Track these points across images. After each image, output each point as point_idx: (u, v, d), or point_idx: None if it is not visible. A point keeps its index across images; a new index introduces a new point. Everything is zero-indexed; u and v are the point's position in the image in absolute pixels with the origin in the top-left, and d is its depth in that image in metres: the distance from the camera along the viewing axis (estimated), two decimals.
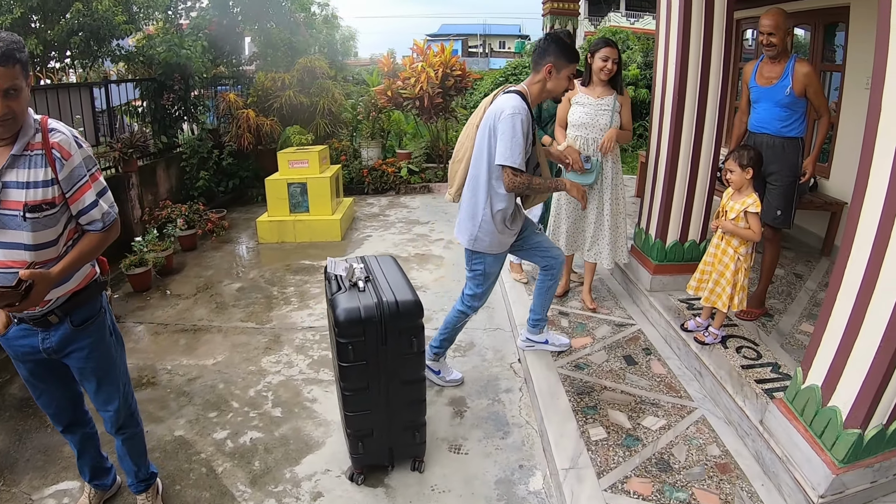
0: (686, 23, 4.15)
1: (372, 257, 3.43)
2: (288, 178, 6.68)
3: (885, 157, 2.41)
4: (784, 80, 4.05)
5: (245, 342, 4.53)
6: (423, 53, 8.69)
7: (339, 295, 2.97)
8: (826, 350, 2.77)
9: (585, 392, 3.71)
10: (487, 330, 4.74)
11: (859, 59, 5.69)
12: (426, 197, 8.97)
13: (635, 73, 13.91)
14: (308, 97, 8.98)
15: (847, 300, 2.64)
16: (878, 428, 2.65)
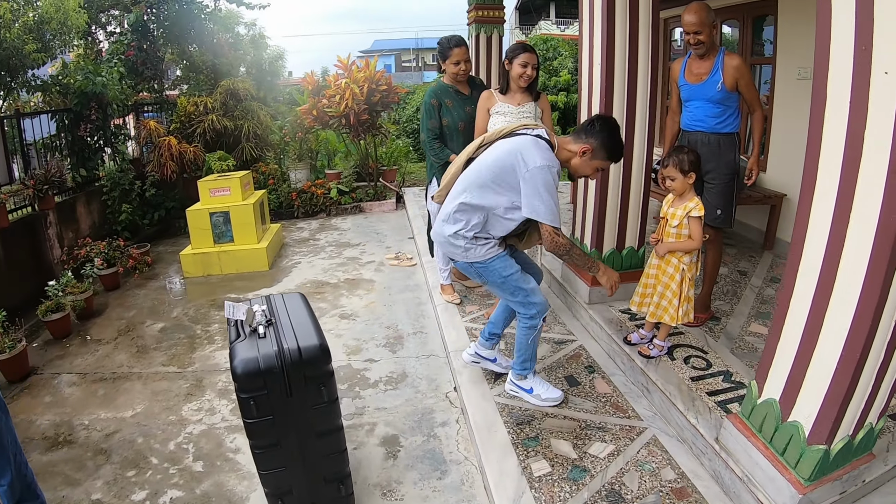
0: (610, 24, 3.88)
1: (278, 296, 3.06)
2: (210, 208, 6.24)
3: (833, 151, 2.15)
4: (714, 75, 3.83)
5: (166, 389, 4.13)
6: (347, 69, 8.33)
7: (238, 344, 2.60)
8: (782, 361, 2.54)
9: (525, 421, 3.37)
10: (420, 357, 4.38)
11: (789, 50, 5.65)
12: (357, 217, 8.63)
13: (567, 79, 13.86)
14: (232, 121, 8.55)
15: (801, 307, 2.40)
16: (844, 440, 2.44)
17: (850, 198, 2.10)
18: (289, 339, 2.59)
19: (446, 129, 4.53)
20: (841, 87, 2.06)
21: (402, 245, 7.05)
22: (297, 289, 5.71)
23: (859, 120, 2.01)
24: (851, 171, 2.07)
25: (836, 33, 2.06)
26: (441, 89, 4.52)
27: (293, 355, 2.51)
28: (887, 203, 1.98)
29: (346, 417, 3.56)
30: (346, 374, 4.13)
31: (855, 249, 2.12)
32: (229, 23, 10.20)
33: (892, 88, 1.90)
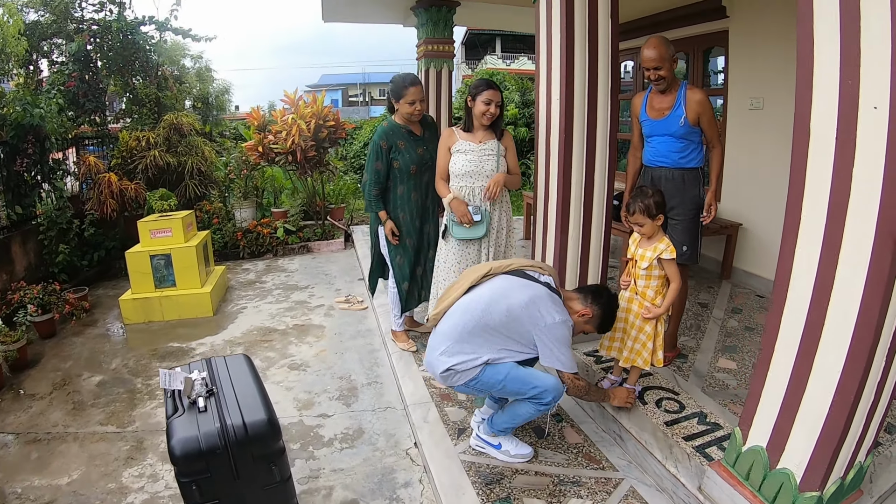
0: (569, 57, 3.74)
1: (220, 360, 2.79)
2: (150, 250, 5.87)
3: (818, 189, 2.05)
4: (677, 109, 3.73)
5: (104, 451, 3.75)
6: (294, 104, 8.09)
7: (175, 420, 2.32)
8: (767, 407, 2.41)
9: (495, 481, 3.12)
10: (377, 411, 4.07)
11: (741, 81, 5.70)
12: (305, 258, 8.30)
13: (514, 113, 13.95)
14: (176, 157, 8.17)
15: (788, 351, 2.29)
16: (836, 483, 2.32)
17: (838, 237, 1.99)
18: (233, 412, 2.33)
19: (397, 171, 4.28)
20: (826, 122, 1.96)
21: (353, 287, 6.78)
22: (244, 336, 5.39)
23: (847, 157, 1.91)
24: (839, 210, 1.97)
25: (819, 66, 1.96)
26: (393, 130, 4.27)
27: (238, 433, 2.25)
28: (879, 242, 1.88)
29: (301, 481, 3.27)
30: (298, 431, 3.81)
31: (845, 291, 2.01)
32: (175, 55, 9.92)
33: (881, 123, 1.80)
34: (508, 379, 3.05)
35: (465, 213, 3.93)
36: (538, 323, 2.98)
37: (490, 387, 3.08)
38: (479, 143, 4.02)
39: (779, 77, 5.13)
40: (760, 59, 5.37)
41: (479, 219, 3.97)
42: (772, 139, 5.32)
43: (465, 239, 4.05)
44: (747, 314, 4.97)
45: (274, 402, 4.01)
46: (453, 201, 3.97)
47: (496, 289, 3.13)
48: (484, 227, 3.99)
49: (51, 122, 6.92)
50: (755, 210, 5.64)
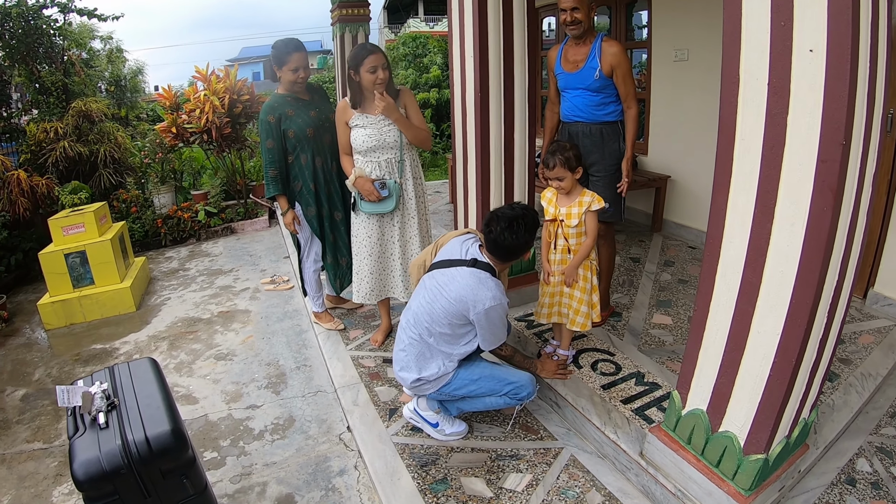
0: (482, 13, 3.48)
1: (123, 366, 2.47)
2: (64, 248, 5.39)
3: (750, 139, 1.86)
4: (591, 61, 3.50)
5: (33, 471, 3.39)
6: (206, 81, 7.59)
7: (77, 440, 2.04)
8: (706, 370, 2.26)
9: (430, 462, 2.92)
10: (307, 396, 3.80)
11: (665, 33, 5.56)
12: (229, 239, 7.84)
13: (437, 75, 13.55)
14: (87, 146, 7.59)
15: (723, 312, 2.12)
16: (782, 443, 2.22)
17: (773, 191, 1.81)
18: (134, 426, 2.06)
19: (294, 140, 3.90)
20: (757, 67, 1.76)
21: (278, 266, 6.43)
22: (169, 329, 5.02)
23: (781, 104, 1.72)
24: (774, 162, 1.78)
25: (748, 7, 1.75)
26: (278, 102, 3.88)
27: (141, 449, 1.98)
28: (817, 196, 1.71)
29: (233, 480, 3.02)
30: (227, 427, 3.52)
31: (782, 249, 1.84)
32: (82, 38, 9.23)
33: (818, 68, 1.60)
34: (483, 378, 2.95)
35: (371, 190, 3.63)
36: (472, 313, 2.78)
37: (463, 388, 2.95)
38: (377, 114, 3.64)
39: (704, 26, 5.00)
40: (685, 9, 5.22)
41: (386, 193, 3.67)
42: (698, 90, 5.20)
43: (375, 213, 3.76)
44: (680, 266, 4.87)
45: (202, 397, 3.80)
46: (357, 180, 3.65)
47: (431, 293, 2.92)
48: (393, 201, 3.69)
49: None
50: (683, 162, 5.54)
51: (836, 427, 2.81)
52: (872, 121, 1.74)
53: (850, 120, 1.61)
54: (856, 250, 1.95)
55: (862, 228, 1.93)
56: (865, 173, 1.81)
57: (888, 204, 3.78)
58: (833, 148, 1.63)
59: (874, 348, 3.50)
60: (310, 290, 4.40)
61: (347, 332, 4.36)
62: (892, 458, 2.75)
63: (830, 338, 2.08)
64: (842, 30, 1.55)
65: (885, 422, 3.01)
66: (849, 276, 1.98)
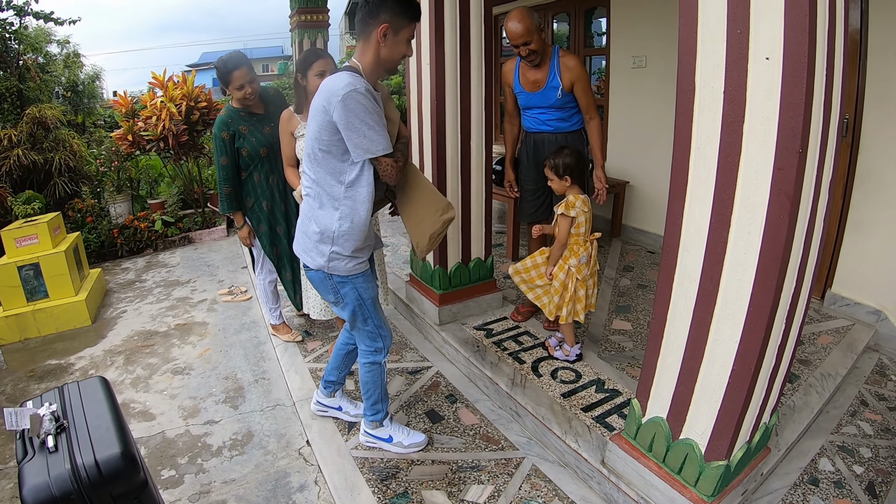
0: (439, 21, 3.41)
1: (73, 386, 2.35)
2: (17, 261, 5.19)
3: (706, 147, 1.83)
4: (552, 80, 3.49)
5: None
6: (163, 87, 7.38)
7: (26, 464, 1.95)
8: (665, 377, 2.23)
9: (390, 475, 2.83)
10: (265, 410, 3.68)
11: (623, 40, 5.57)
12: (187, 249, 7.63)
13: (398, 82, 13.41)
14: (42, 154, 7.33)
15: (681, 320, 2.09)
16: (743, 448, 2.19)
17: (730, 198, 1.77)
18: (84, 449, 1.96)
19: (248, 158, 3.77)
20: (712, 75, 1.72)
21: (236, 276, 6.27)
22: (124, 343, 4.84)
23: (737, 112, 1.68)
24: (730, 169, 1.75)
25: (704, 15, 1.71)
26: (231, 117, 3.74)
27: (90, 472, 1.89)
28: (774, 203, 1.68)
29: (192, 499, 2.90)
30: (185, 443, 3.39)
31: (739, 256, 1.81)
32: (39, 42, 8.94)
33: (774, 76, 1.57)
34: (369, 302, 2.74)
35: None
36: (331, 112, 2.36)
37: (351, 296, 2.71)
38: None
39: (661, 33, 5.03)
40: (642, 17, 5.24)
41: None
42: (655, 96, 5.22)
43: None
44: (639, 271, 4.86)
45: (159, 413, 3.66)
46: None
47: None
48: None
49: None
50: (641, 167, 5.55)
51: (798, 428, 2.81)
52: (829, 127, 1.72)
53: (806, 127, 1.58)
54: (813, 255, 1.92)
55: (819, 233, 1.90)
56: (822, 179, 1.79)
57: (844, 206, 3.81)
58: (790, 155, 1.60)
59: (833, 348, 3.53)
60: (266, 302, 4.29)
61: (305, 343, 4.25)
62: (853, 456, 2.75)
63: (789, 342, 2.06)
64: (798, 38, 1.52)
65: (845, 420, 3.03)
66: (807, 281, 1.96)
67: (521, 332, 3.75)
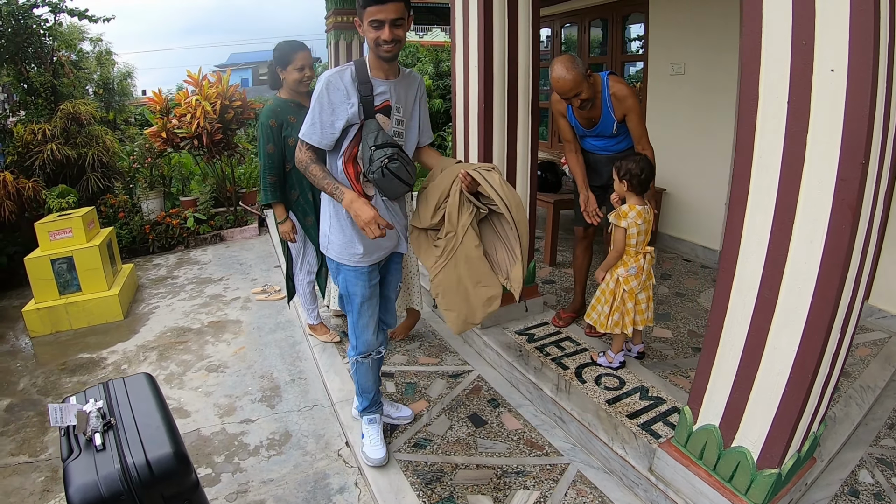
0: (488, 22, 3.48)
1: (118, 382, 2.39)
2: (51, 254, 5.35)
3: (769, 157, 1.90)
4: (606, 115, 3.52)
5: (19, 486, 3.33)
6: (198, 85, 7.55)
7: (72, 463, 1.97)
8: (719, 385, 2.29)
9: (435, 479, 2.90)
10: (303, 410, 3.76)
11: (662, 47, 5.61)
12: (218, 247, 7.80)
13: (428, 84, 13.55)
14: (75, 149, 7.53)
15: (738, 328, 2.16)
16: (794, 457, 2.25)
17: (792, 208, 1.84)
18: (134, 448, 2.00)
19: (294, 148, 3.82)
20: (776, 86, 1.80)
21: (269, 276, 6.39)
22: (157, 339, 4.97)
23: (801, 123, 1.75)
24: (792, 179, 1.81)
25: (768, 26, 1.79)
26: (280, 106, 3.81)
27: (142, 472, 1.93)
28: (836, 213, 1.74)
29: (229, 498, 2.99)
30: (221, 442, 3.48)
31: (800, 266, 1.87)
32: (72, 39, 9.14)
33: (839, 87, 1.64)
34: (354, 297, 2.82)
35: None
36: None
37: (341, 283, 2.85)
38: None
39: (700, 41, 5.06)
40: (681, 23, 5.28)
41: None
42: (693, 103, 5.26)
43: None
44: (676, 279, 4.92)
45: (194, 411, 3.77)
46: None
47: None
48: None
49: None
50: (678, 175, 5.58)
51: (839, 439, 2.86)
52: (887, 138, 1.78)
53: (869, 138, 1.65)
54: (868, 266, 1.99)
55: (874, 244, 1.96)
56: (880, 190, 1.85)
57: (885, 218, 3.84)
58: (853, 166, 1.67)
59: (871, 360, 3.57)
60: (304, 302, 4.35)
61: (343, 344, 4.32)
62: (892, 468, 2.79)
63: (842, 352, 2.12)
64: (863, 49, 1.59)
65: (884, 433, 3.07)
66: (861, 291, 2.02)
67: (562, 338, 3.82)
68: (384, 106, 2.61)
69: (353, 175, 2.65)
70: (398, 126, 2.67)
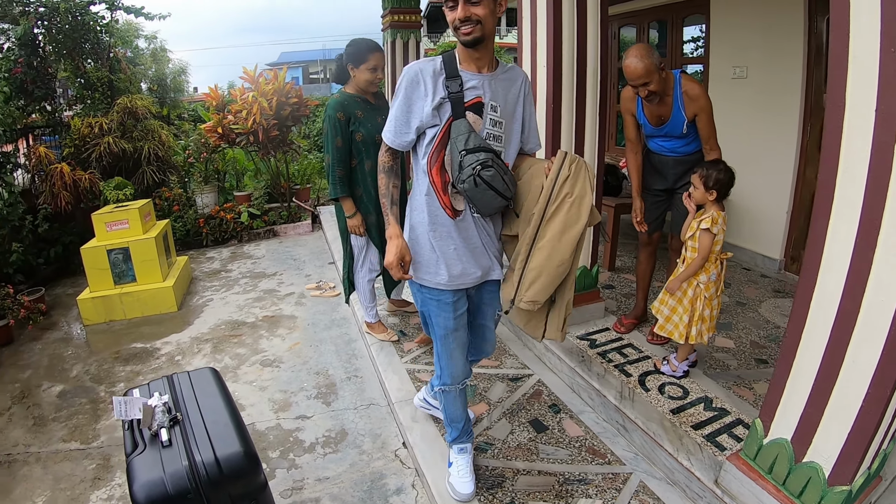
0: (557, 21, 3.49)
1: (183, 376, 2.43)
2: (107, 244, 5.54)
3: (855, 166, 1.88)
4: (677, 113, 3.50)
5: (70, 472, 3.44)
6: (254, 82, 7.73)
7: (136, 458, 2.00)
8: (794, 399, 2.27)
9: (496, 484, 2.90)
10: (359, 408, 3.81)
11: (723, 49, 5.53)
12: (272, 242, 7.97)
13: None
14: (131, 142, 7.76)
15: (817, 340, 2.13)
16: (864, 475, 2.21)
17: (877, 219, 1.82)
18: (202, 445, 2.02)
19: (361, 143, 3.87)
20: (864, 93, 1.78)
21: (323, 272, 6.50)
22: (212, 331, 5.10)
23: (888, 132, 1.73)
24: (880, 190, 1.80)
25: (856, 33, 1.77)
26: (347, 101, 3.84)
27: (210, 471, 1.94)
28: None
29: (283, 495, 3.04)
30: (276, 437, 3.55)
31: (885, 276, 1.85)
32: (128, 35, 9.43)
33: None
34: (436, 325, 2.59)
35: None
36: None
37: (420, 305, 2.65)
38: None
39: (764, 43, 4.99)
40: (744, 26, 5.21)
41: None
42: (755, 108, 5.18)
43: None
44: (736, 288, 4.86)
45: (249, 405, 3.86)
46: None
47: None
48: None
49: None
50: (738, 181, 5.46)
51: None
52: None
53: None
54: None
55: None
56: None
57: None
58: None
59: None
60: (363, 299, 4.39)
61: (401, 343, 4.36)
62: None
63: None
64: None
65: None
66: None
67: (625, 344, 3.81)
68: (475, 102, 2.32)
69: (439, 185, 2.38)
70: (494, 128, 2.37)
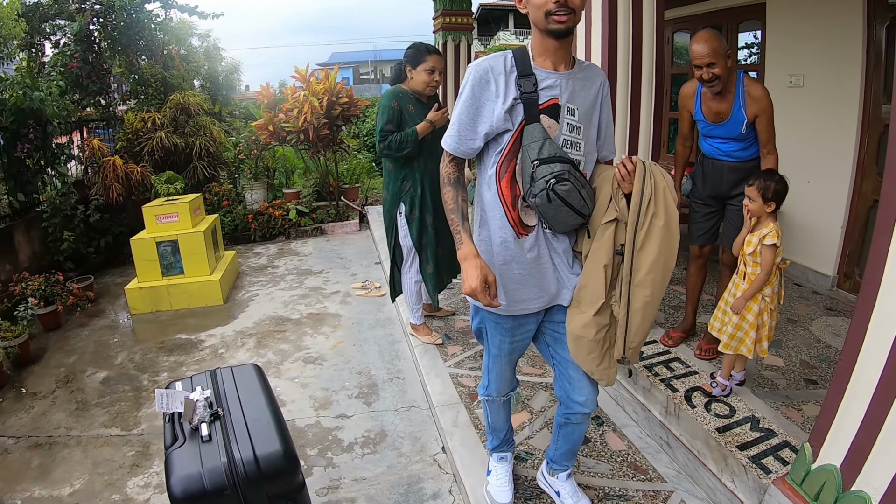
0: (612, 25, 3.47)
1: (226, 371, 2.46)
2: (156, 236, 5.69)
3: None
4: (737, 113, 3.42)
5: (108, 457, 3.53)
6: (305, 81, 7.82)
7: (175, 452, 2.01)
8: (846, 424, 2.19)
9: (534, 495, 2.86)
10: (400, 410, 3.81)
11: (779, 57, 5.40)
12: (319, 240, 8.08)
13: None
14: (183, 138, 7.99)
15: (874, 364, 2.05)
16: None
17: None
18: (242, 443, 2.03)
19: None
20: None
21: (369, 272, 6.56)
22: (256, 326, 5.18)
23: None
24: None
25: None
26: (402, 94, 3.94)
27: (249, 469, 1.94)
28: None
29: (320, 493, 3.05)
30: (315, 435, 3.59)
31: None
32: (182, 34, 9.65)
33: None
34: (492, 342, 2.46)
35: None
36: None
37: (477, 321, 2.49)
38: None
39: (823, 52, 4.85)
40: (802, 33, 5.07)
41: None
42: (811, 117, 5.03)
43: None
44: (787, 304, 4.73)
45: (290, 401, 3.90)
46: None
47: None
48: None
49: (51, 106, 6.61)
50: (791, 194, 5.32)
51: None
52: None
53: None
54: None
55: None
56: None
57: None
58: None
59: None
60: (409, 300, 4.41)
61: (445, 347, 4.36)
62: None
63: None
64: None
65: None
66: None
67: (671, 358, 3.74)
68: (550, 104, 2.07)
69: (508, 199, 2.15)
70: (572, 134, 2.12)
